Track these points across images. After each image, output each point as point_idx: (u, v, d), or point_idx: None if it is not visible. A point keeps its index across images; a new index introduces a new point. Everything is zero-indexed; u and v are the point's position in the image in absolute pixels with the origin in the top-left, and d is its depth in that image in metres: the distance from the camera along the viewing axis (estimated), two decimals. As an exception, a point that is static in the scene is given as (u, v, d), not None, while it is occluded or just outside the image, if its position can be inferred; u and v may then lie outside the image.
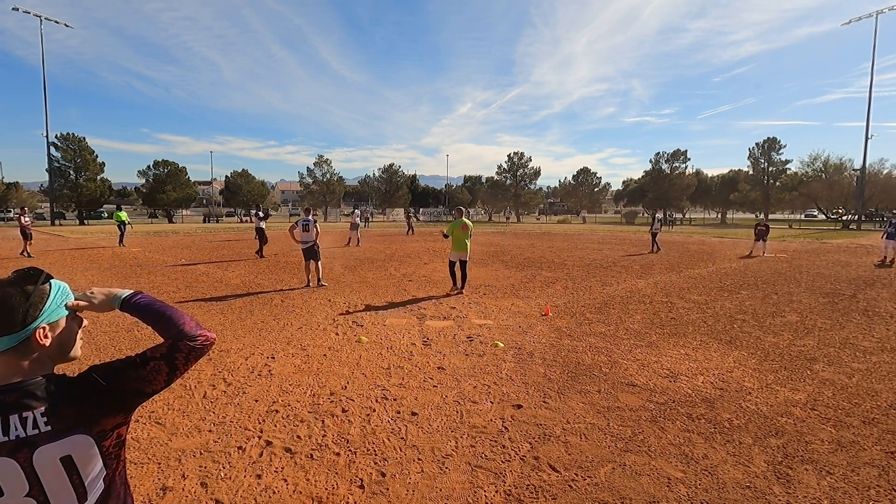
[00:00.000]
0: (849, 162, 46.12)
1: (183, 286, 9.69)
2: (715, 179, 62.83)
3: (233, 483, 2.87)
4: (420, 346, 5.71)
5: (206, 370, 4.78)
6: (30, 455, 0.96)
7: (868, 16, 38.55)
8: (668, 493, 2.79)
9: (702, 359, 5.28)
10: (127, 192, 73.29)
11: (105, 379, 1.04)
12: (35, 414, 0.97)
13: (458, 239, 9.05)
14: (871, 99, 39.74)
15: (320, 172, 59.94)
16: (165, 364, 1.09)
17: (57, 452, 0.98)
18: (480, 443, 3.38)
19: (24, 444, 0.95)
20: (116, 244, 18.75)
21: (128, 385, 1.06)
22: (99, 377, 1.04)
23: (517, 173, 65.45)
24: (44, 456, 0.97)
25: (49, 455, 0.98)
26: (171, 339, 1.13)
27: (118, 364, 1.08)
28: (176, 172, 50.27)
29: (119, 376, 1.06)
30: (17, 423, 0.95)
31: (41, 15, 37.89)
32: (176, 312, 1.20)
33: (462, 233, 9.05)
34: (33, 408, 0.97)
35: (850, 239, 25.95)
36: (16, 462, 0.95)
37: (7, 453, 0.95)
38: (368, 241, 22.63)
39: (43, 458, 0.97)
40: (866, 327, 6.69)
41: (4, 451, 0.94)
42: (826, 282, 10.77)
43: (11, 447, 0.95)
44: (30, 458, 0.96)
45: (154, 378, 1.09)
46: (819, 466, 3.09)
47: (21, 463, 0.96)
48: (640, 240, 24.95)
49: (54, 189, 41.97)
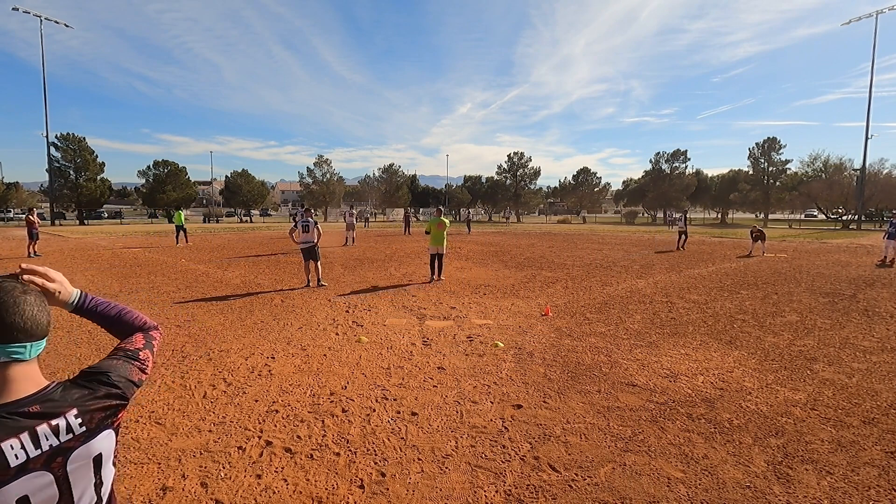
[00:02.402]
0: (849, 162, 46.18)
1: (183, 286, 9.69)
2: (715, 179, 62.81)
3: (233, 483, 2.87)
4: (420, 346, 5.71)
5: (206, 370, 4.78)
6: (64, 462, 0.94)
7: (868, 16, 38.58)
8: (668, 493, 2.79)
9: (702, 359, 5.28)
10: (127, 192, 73.30)
11: (114, 375, 1.06)
12: (68, 418, 0.95)
13: (435, 235, 10.16)
14: (870, 99, 39.82)
15: (320, 172, 59.97)
16: (150, 352, 1.19)
17: (90, 453, 0.98)
18: (480, 443, 3.38)
19: (58, 453, 0.93)
20: (174, 244, 19.56)
21: (132, 376, 1.10)
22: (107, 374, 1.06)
23: (517, 173, 65.47)
24: (78, 460, 0.96)
25: (83, 457, 0.97)
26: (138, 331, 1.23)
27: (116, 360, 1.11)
28: (176, 172, 50.29)
29: (121, 370, 1.09)
30: (48, 433, 0.92)
31: (41, 15, 37.91)
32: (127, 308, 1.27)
33: (438, 230, 10.14)
34: (62, 413, 0.95)
35: (850, 239, 25.95)
36: (50, 473, 0.92)
37: (42, 466, 0.91)
38: (368, 241, 22.62)
39: (77, 463, 0.96)
40: (866, 327, 6.69)
41: (39, 464, 0.90)
42: (826, 282, 10.77)
43: (46, 458, 0.91)
44: (64, 466, 0.94)
45: (146, 367, 1.16)
46: (819, 466, 3.09)
47: (55, 472, 0.93)
48: (641, 240, 24.96)
49: (54, 189, 41.97)
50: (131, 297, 8.53)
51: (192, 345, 5.67)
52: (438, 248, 10.28)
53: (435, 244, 10.28)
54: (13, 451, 0.86)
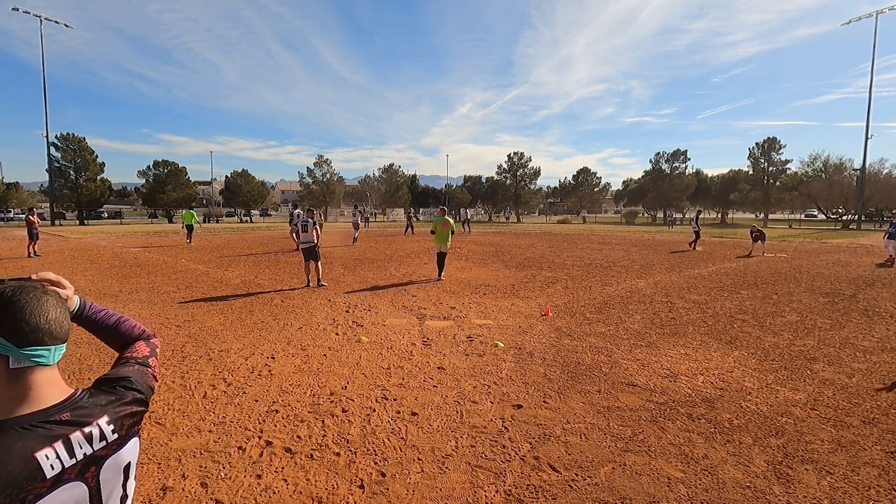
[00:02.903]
0: (849, 162, 46.17)
1: (183, 286, 9.69)
2: (715, 179, 62.80)
3: (233, 483, 2.87)
4: (420, 346, 5.71)
5: (207, 370, 4.78)
6: (97, 472, 0.90)
7: (868, 16, 38.58)
8: (668, 493, 2.79)
9: (702, 359, 5.28)
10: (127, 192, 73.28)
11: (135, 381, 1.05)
12: (100, 425, 0.92)
13: (440, 234, 10.59)
14: (870, 99, 39.81)
15: (320, 172, 59.95)
16: (156, 360, 1.19)
17: (121, 462, 0.96)
18: (480, 443, 3.38)
19: (91, 462, 0.89)
20: (186, 243, 19.86)
21: (149, 382, 1.10)
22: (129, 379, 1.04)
23: (517, 173, 65.45)
24: (110, 469, 0.93)
25: (115, 466, 0.94)
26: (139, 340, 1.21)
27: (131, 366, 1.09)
28: (176, 172, 50.28)
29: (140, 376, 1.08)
30: (82, 441, 0.88)
31: (41, 15, 37.93)
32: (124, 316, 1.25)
33: (443, 229, 10.53)
34: (93, 420, 0.91)
35: (850, 239, 25.95)
36: (84, 484, 0.88)
37: (76, 476, 0.87)
38: (369, 241, 22.63)
39: (109, 472, 0.93)
40: (866, 327, 6.69)
41: (73, 475, 0.86)
42: (826, 282, 10.76)
43: (80, 468, 0.87)
44: (97, 476, 0.91)
45: (156, 373, 1.15)
46: (819, 466, 3.09)
47: (89, 483, 0.89)
48: (641, 240, 24.96)
49: (54, 189, 41.97)
50: (131, 297, 8.53)
51: (192, 345, 5.67)
52: (442, 246, 10.66)
53: (438, 242, 10.69)
54: (48, 461, 0.82)
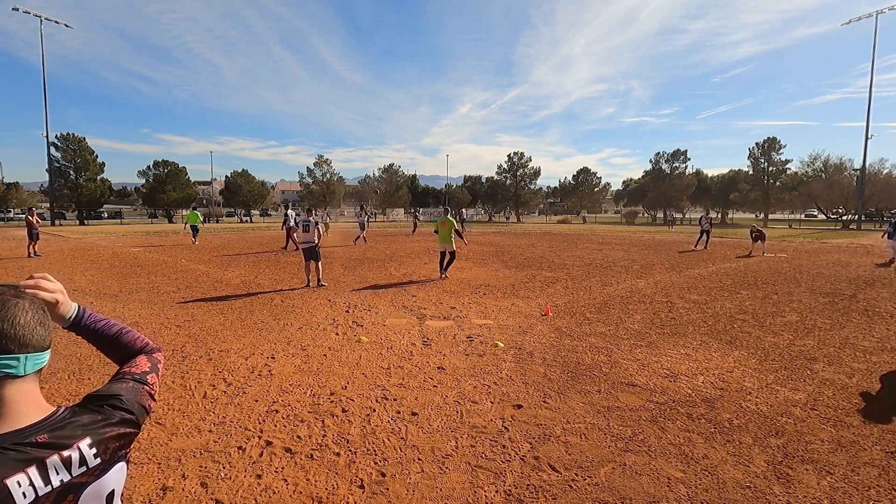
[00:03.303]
0: (849, 162, 46.17)
1: (183, 286, 9.69)
2: (715, 179, 62.81)
3: (233, 483, 2.87)
4: (420, 346, 5.71)
5: (206, 370, 4.78)
6: (76, 500, 0.81)
7: (868, 16, 38.58)
8: (668, 493, 2.79)
9: (702, 359, 5.28)
10: (127, 192, 73.28)
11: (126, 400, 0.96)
12: (81, 448, 0.82)
13: (442, 233, 10.83)
14: (870, 99, 39.81)
15: (320, 172, 60.01)
16: (157, 376, 1.09)
17: (103, 490, 0.86)
18: (480, 443, 3.38)
19: (69, 489, 0.79)
20: (191, 243, 20.02)
21: (143, 401, 1.00)
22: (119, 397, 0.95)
23: (517, 173, 65.45)
24: (91, 497, 0.83)
25: (96, 494, 0.84)
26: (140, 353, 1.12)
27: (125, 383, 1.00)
28: (176, 172, 50.32)
29: (133, 395, 0.98)
30: (60, 466, 0.78)
31: (41, 15, 37.95)
32: (127, 327, 1.16)
33: (444, 228, 10.80)
34: (74, 442, 0.81)
35: (850, 239, 25.95)
36: None
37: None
38: (368, 240, 22.61)
39: (90, 501, 0.83)
40: (866, 327, 6.69)
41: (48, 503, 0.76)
42: (826, 282, 10.76)
43: (56, 496, 0.77)
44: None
45: (154, 392, 1.06)
46: (819, 466, 3.09)
47: None
48: (641, 240, 24.95)
49: (54, 189, 41.99)
50: (131, 297, 8.53)
51: (192, 345, 5.67)
52: (445, 245, 10.84)
53: (441, 241, 10.88)
54: (20, 488, 0.73)
